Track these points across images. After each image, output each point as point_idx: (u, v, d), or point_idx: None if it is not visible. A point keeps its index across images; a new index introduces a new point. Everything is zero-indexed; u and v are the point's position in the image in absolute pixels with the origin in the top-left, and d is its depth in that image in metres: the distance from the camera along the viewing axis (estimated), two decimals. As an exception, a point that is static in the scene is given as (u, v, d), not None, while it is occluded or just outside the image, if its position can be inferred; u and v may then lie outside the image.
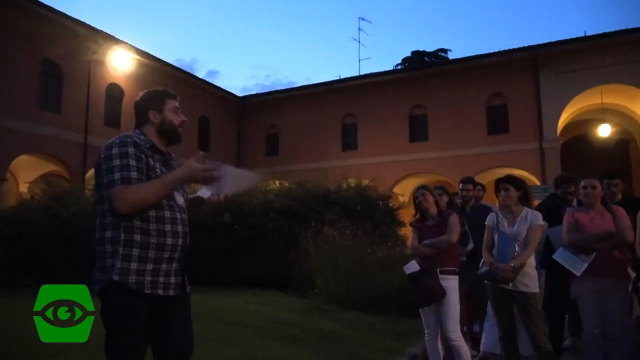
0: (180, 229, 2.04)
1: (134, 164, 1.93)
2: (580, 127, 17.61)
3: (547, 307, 4.00)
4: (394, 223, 10.25)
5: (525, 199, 3.71)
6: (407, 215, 11.40)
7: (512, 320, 3.64)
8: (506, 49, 16.59)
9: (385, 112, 17.95)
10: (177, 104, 2.19)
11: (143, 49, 16.40)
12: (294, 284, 7.75)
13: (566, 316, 4.58)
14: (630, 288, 3.75)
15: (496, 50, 16.81)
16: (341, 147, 18.79)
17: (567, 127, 16.88)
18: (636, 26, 15.13)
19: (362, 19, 25.78)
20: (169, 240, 1.98)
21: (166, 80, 17.35)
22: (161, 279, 1.95)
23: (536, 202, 12.15)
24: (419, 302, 3.61)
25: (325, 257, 7.38)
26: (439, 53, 31.54)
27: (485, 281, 3.72)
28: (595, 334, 3.60)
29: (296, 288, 7.61)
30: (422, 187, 3.88)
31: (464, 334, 4.11)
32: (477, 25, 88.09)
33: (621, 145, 17.90)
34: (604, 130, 16.28)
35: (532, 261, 3.58)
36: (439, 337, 3.71)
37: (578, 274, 3.58)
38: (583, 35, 15.95)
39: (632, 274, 3.64)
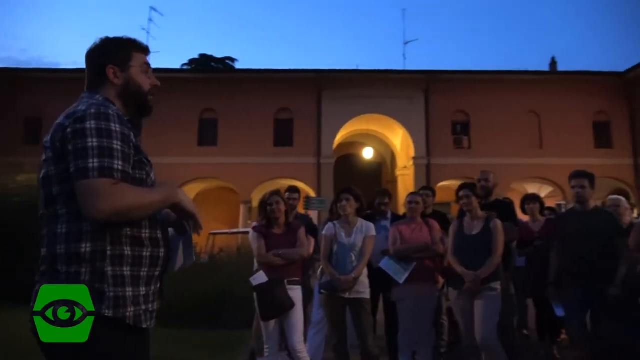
0: (167, 235, 1.56)
1: (119, 147, 1.37)
2: (349, 147, 20.05)
3: None
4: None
5: (360, 211, 3.93)
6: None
7: (345, 327, 3.78)
8: (294, 68, 17.75)
9: (174, 111, 16.99)
10: (147, 60, 1.63)
11: None
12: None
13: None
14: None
15: (284, 67, 17.92)
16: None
17: (339, 147, 18.92)
18: (398, 68, 18.15)
19: (154, 9, 23.68)
20: (162, 251, 1.51)
21: None
22: (150, 306, 1.46)
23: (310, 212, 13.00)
24: (268, 314, 3.43)
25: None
26: (226, 61, 31.80)
27: (322, 290, 3.78)
28: (408, 334, 4.02)
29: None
30: (276, 194, 3.73)
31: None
32: (263, 40, 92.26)
33: (377, 167, 21.13)
34: (367, 153, 18.93)
35: (364, 269, 3.78)
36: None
37: (401, 281, 3.95)
38: (356, 67, 18.33)
39: (441, 280, 4.21)
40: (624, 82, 17.16)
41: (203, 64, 30.34)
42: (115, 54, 1.58)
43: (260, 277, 3.44)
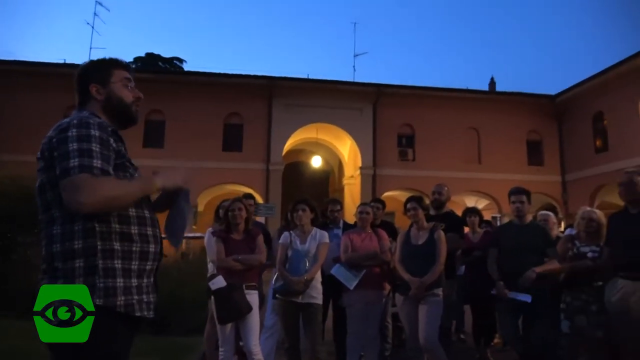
0: (158, 232, 1.72)
1: (98, 149, 1.53)
2: (298, 155, 20.25)
3: None
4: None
5: (315, 220, 4.11)
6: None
7: (298, 332, 3.92)
8: (246, 73, 17.73)
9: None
10: (128, 74, 1.81)
11: None
12: (9, 303, 6.28)
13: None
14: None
15: (233, 71, 17.86)
16: (59, 141, 16.28)
17: (288, 153, 19.06)
18: (348, 80, 18.56)
19: (100, 3, 22.60)
20: (152, 247, 1.66)
21: None
22: (144, 297, 1.61)
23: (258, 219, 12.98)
24: (225, 318, 3.52)
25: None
26: (174, 61, 31.16)
27: (277, 295, 3.91)
28: (357, 338, 4.21)
29: (13, 308, 6.20)
30: (238, 201, 3.83)
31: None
32: (212, 42, 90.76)
33: (325, 175, 21.46)
34: (316, 161, 19.20)
35: (318, 276, 3.96)
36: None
37: (351, 287, 4.15)
38: (306, 76, 18.59)
39: (388, 287, 4.45)
40: (555, 104, 18.51)
41: (149, 63, 29.56)
42: (96, 73, 1.76)
43: (219, 282, 3.53)
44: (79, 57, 74.32)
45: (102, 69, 1.77)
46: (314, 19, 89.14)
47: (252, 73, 17.80)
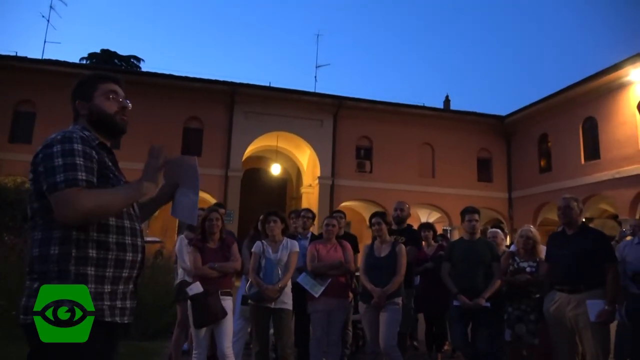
0: (140, 242, 1.77)
1: (82, 162, 1.62)
2: (257, 162, 20.34)
3: None
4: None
5: (285, 231, 4.34)
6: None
7: (268, 336, 4.13)
8: (207, 78, 17.58)
9: (70, 108, 16.02)
10: (113, 87, 1.86)
11: None
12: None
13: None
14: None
15: (190, 74, 17.62)
16: (9, 137, 15.64)
17: (247, 160, 19.11)
18: (309, 90, 18.86)
19: None
20: (129, 256, 1.71)
21: None
22: (118, 303, 1.66)
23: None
24: (201, 322, 3.68)
25: (11, 271, 6.22)
26: (132, 60, 30.51)
27: (250, 300, 4.11)
28: (320, 343, 4.47)
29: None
30: (214, 211, 4.00)
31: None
32: (171, 43, 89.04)
33: (283, 183, 21.65)
34: (275, 169, 19.31)
35: (289, 282, 4.18)
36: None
37: (316, 295, 4.41)
38: (268, 84, 18.76)
39: (351, 295, 4.73)
40: (504, 125, 19.60)
41: (105, 60, 28.77)
42: (81, 89, 1.86)
43: (196, 288, 3.70)
44: (33, 50, 70.78)
45: (87, 84, 1.85)
46: (278, 28, 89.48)
47: (209, 77, 17.69)
